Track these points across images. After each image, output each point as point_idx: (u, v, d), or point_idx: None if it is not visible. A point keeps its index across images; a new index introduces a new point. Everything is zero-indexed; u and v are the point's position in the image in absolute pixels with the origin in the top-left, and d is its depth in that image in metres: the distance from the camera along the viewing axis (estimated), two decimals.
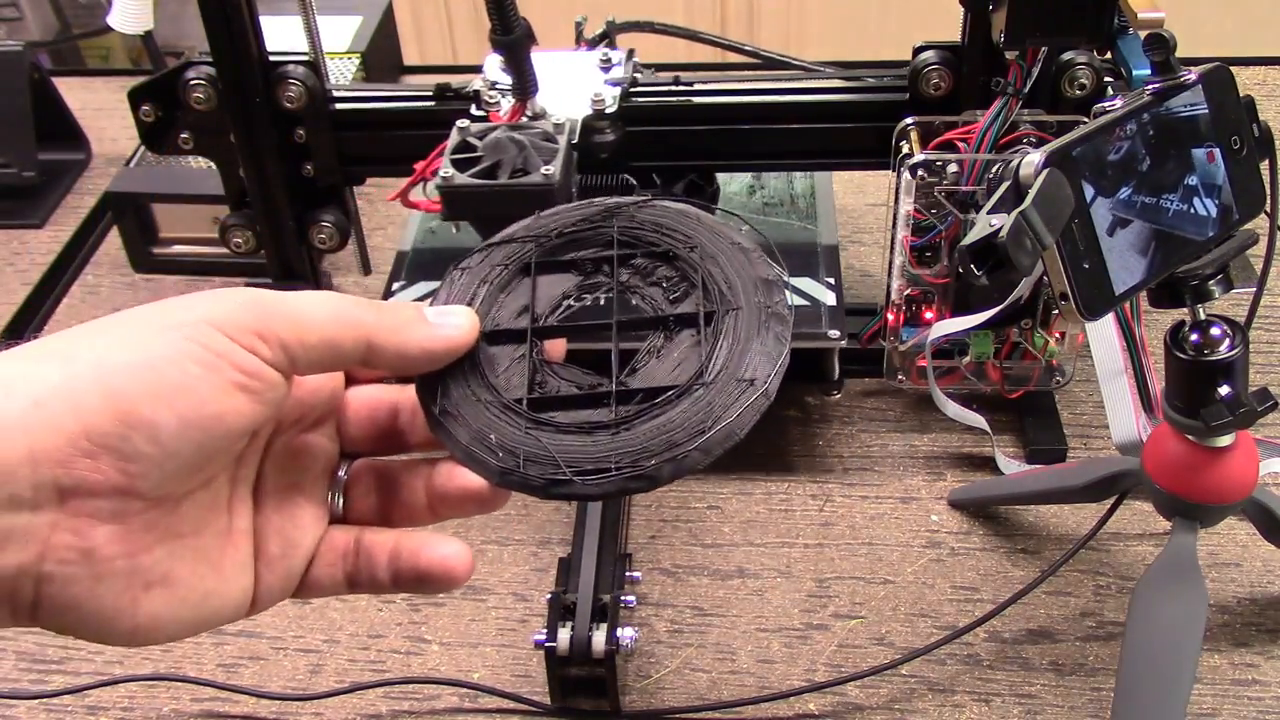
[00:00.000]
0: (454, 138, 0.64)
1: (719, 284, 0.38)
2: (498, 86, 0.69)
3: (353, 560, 0.38)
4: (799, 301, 0.72)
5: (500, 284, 0.40)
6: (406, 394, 0.39)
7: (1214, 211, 0.51)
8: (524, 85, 0.67)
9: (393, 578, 0.38)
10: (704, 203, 0.43)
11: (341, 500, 0.39)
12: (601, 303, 0.40)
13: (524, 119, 0.67)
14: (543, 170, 0.61)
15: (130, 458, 0.31)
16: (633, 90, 0.73)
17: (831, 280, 0.74)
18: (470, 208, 0.63)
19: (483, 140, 0.63)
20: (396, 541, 0.38)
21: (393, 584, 0.38)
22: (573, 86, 0.71)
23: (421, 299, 0.75)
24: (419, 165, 0.67)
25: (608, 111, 0.70)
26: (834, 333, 0.71)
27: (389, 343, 0.36)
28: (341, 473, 0.39)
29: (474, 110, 0.70)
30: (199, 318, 0.33)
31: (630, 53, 0.76)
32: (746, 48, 0.86)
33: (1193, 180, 0.50)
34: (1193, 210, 0.50)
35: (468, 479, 0.37)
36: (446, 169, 0.62)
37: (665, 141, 0.74)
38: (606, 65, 0.73)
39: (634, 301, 0.40)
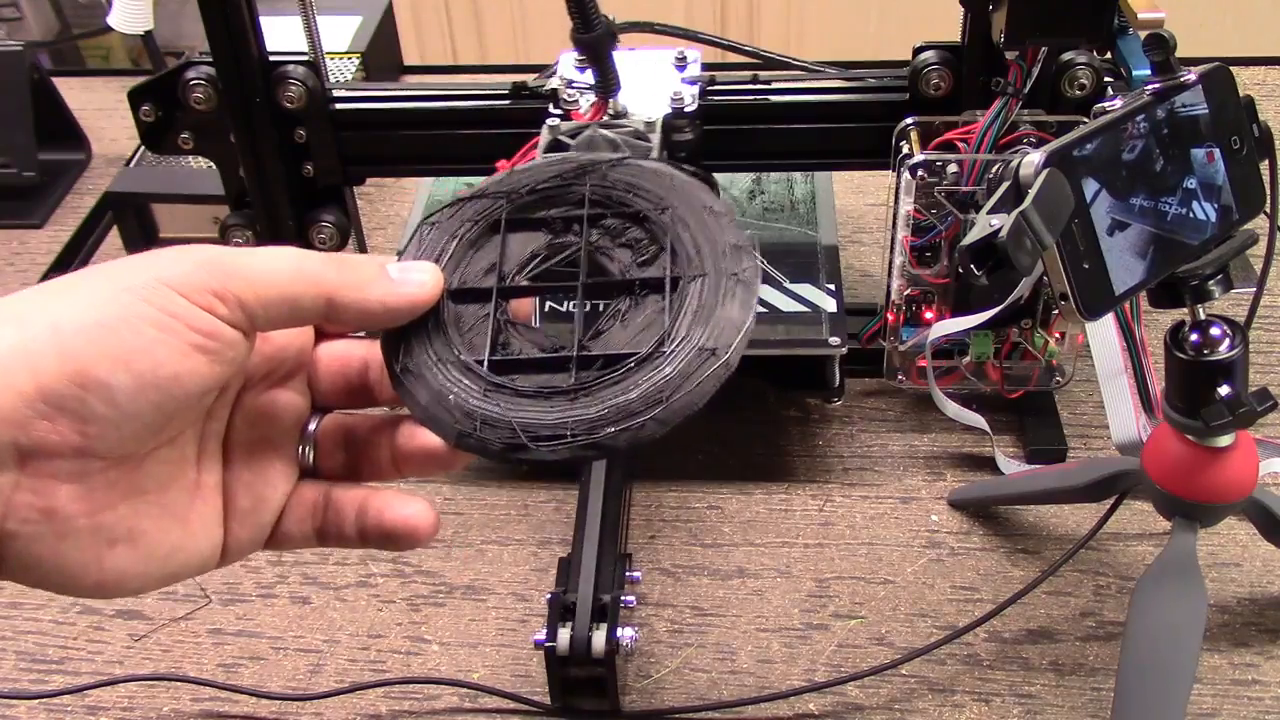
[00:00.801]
0: (545, 136, 0.63)
1: (687, 248, 0.38)
2: (575, 85, 0.69)
3: (321, 515, 0.39)
4: (799, 308, 0.72)
5: (469, 240, 0.40)
6: (377, 350, 0.39)
7: (1213, 215, 0.51)
8: (607, 83, 0.66)
9: (359, 533, 0.38)
10: (678, 164, 0.43)
11: (312, 454, 0.39)
12: (571, 263, 0.39)
13: (605, 118, 0.66)
14: None
15: (87, 419, 0.31)
16: (710, 89, 0.72)
17: (832, 286, 0.74)
18: None
19: (575, 139, 0.62)
20: (364, 499, 0.38)
21: (359, 539, 0.38)
22: (649, 85, 0.70)
23: None
24: (501, 164, 0.66)
25: (687, 110, 0.69)
26: (835, 340, 0.70)
27: (350, 299, 0.36)
28: (311, 427, 0.40)
29: (552, 109, 0.70)
30: (154, 278, 0.33)
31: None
32: (746, 47, 0.85)
33: (1191, 183, 0.50)
34: (1191, 215, 0.50)
35: (428, 439, 0.37)
36: None
37: (743, 140, 0.73)
38: (682, 64, 0.72)
39: (603, 262, 0.39)
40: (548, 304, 0.40)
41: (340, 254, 0.37)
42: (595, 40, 0.64)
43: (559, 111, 0.69)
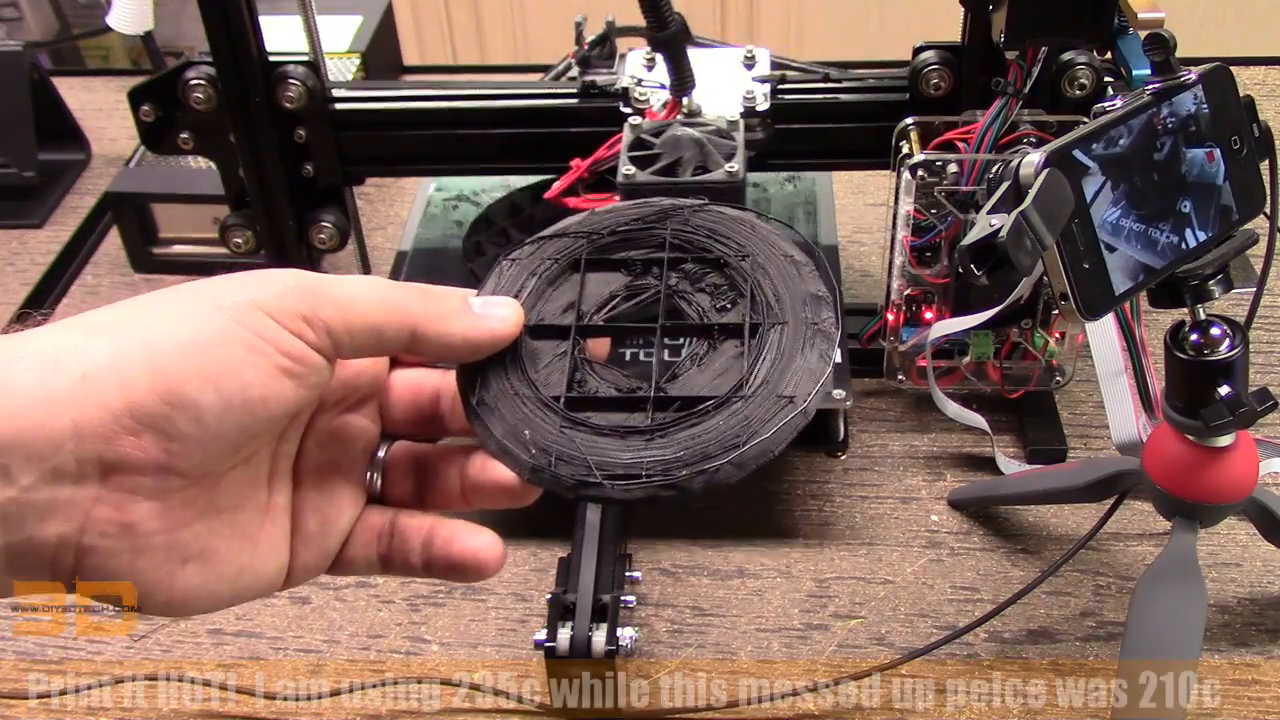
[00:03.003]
0: (627, 135, 0.63)
1: (767, 296, 0.38)
2: (644, 83, 0.69)
3: (387, 542, 0.39)
4: None
5: (549, 278, 0.40)
6: (449, 380, 0.39)
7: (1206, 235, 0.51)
8: (683, 81, 0.66)
9: (425, 563, 0.38)
10: (760, 211, 0.43)
11: (380, 480, 0.40)
12: (649, 305, 0.39)
13: (679, 117, 0.66)
14: (726, 167, 0.59)
15: (173, 436, 0.31)
16: (781, 88, 0.72)
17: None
18: None
19: (659, 138, 0.62)
20: (430, 528, 0.38)
21: (424, 568, 0.38)
22: (720, 83, 0.70)
23: None
24: (578, 162, 0.66)
25: (759, 109, 0.69)
26: (839, 393, 0.66)
27: (433, 331, 0.36)
28: (381, 453, 0.40)
29: (622, 108, 0.69)
30: (249, 299, 0.33)
31: (629, 52, 0.76)
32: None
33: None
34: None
35: (500, 472, 0.38)
36: (627, 166, 0.60)
37: (806, 139, 0.73)
38: (750, 62, 0.72)
39: (681, 306, 0.39)
40: (626, 352, 0.40)
41: (425, 285, 0.37)
42: (671, 38, 0.64)
43: (630, 110, 0.69)
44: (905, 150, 0.67)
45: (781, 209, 0.80)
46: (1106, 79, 0.68)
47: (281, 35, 0.74)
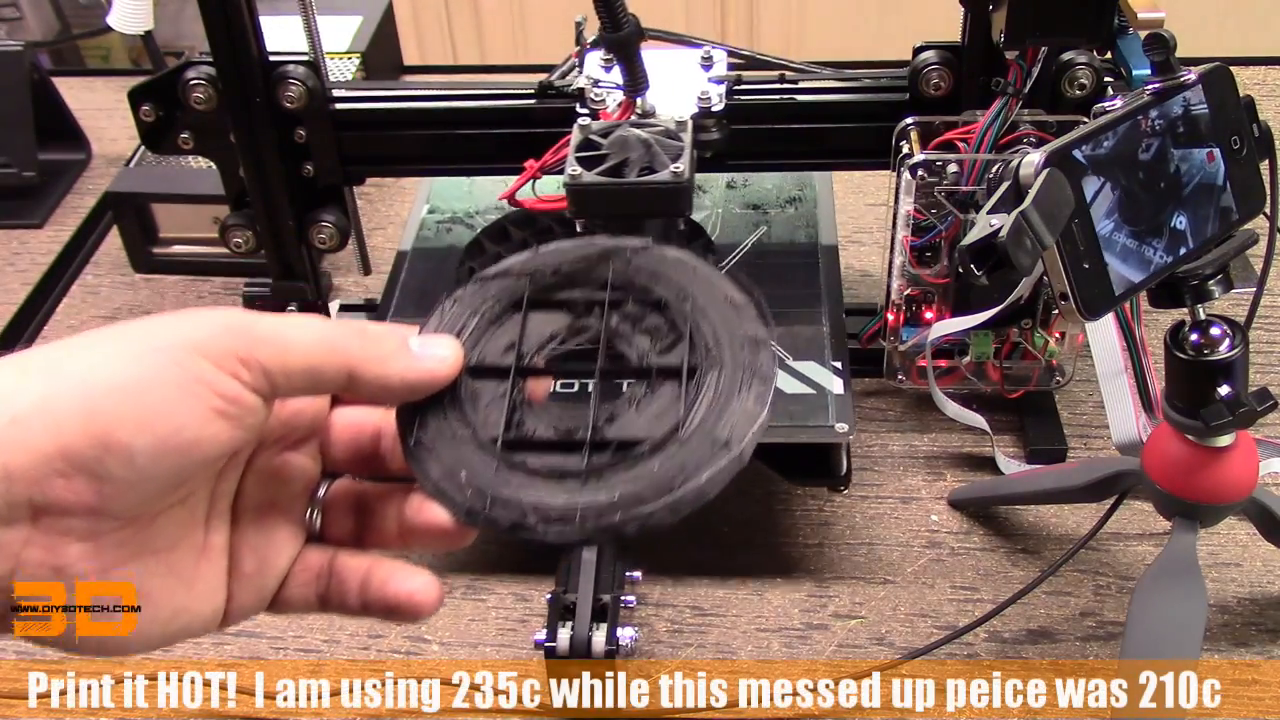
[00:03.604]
0: (576, 135, 0.63)
1: (706, 338, 0.38)
2: (601, 84, 0.69)
3: (325, 582, 0.38)
4: (803, 390, 0.67)
5: (491, 317, 0.40)
6: (391, 418, 0.39)
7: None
8: (636, 82, 0.66)
9: (362, 604, 0.38)
10: (701, 251, 0.43)
11: (320, 519, 0.39)
12: (590, 346, 0.39)
13: (633, 117, 0.66)
14: (671, 168, 0.59)
15: (105, 479, 0.31)
16: (738, 88, 0.72)
17: (839, 364, 0.67)
18: (599, 206, 0.61)
19: (607, 138, 0.62)
20: (368, 569, 0.38)
21: (361, 609, 0.38)
22: (676, 84, 0.70)
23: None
24: (531, 163, 0.66)
25: (714, 110, 0.69)
26: (841, 426, 0.64)
27: (371, 372, 0.35)
28: (321, 492, 0.39)
29: (578, 109, 0.69)
30: (184, 340, 0.32)
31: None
32: (743, 51, 0.86)
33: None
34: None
35: (436, 513, 0.37)
36: (574, 167, 0.61)
37: (770, 140, 0.73)
38: (708, 63, 0.72)
39: (622, 348, 0.39)
40: (567, 393, 0.40)
41: (364, 324, 0.37)
42: (625, 39, 0.64)
43: (586, 111, 0.69)
44: (905, 150, 0.67)
45: (783, 231, 0.79)
46: (1106, 79, 0.68)
47: (281, 35, 0.74)
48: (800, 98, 0.73)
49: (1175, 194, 0.50)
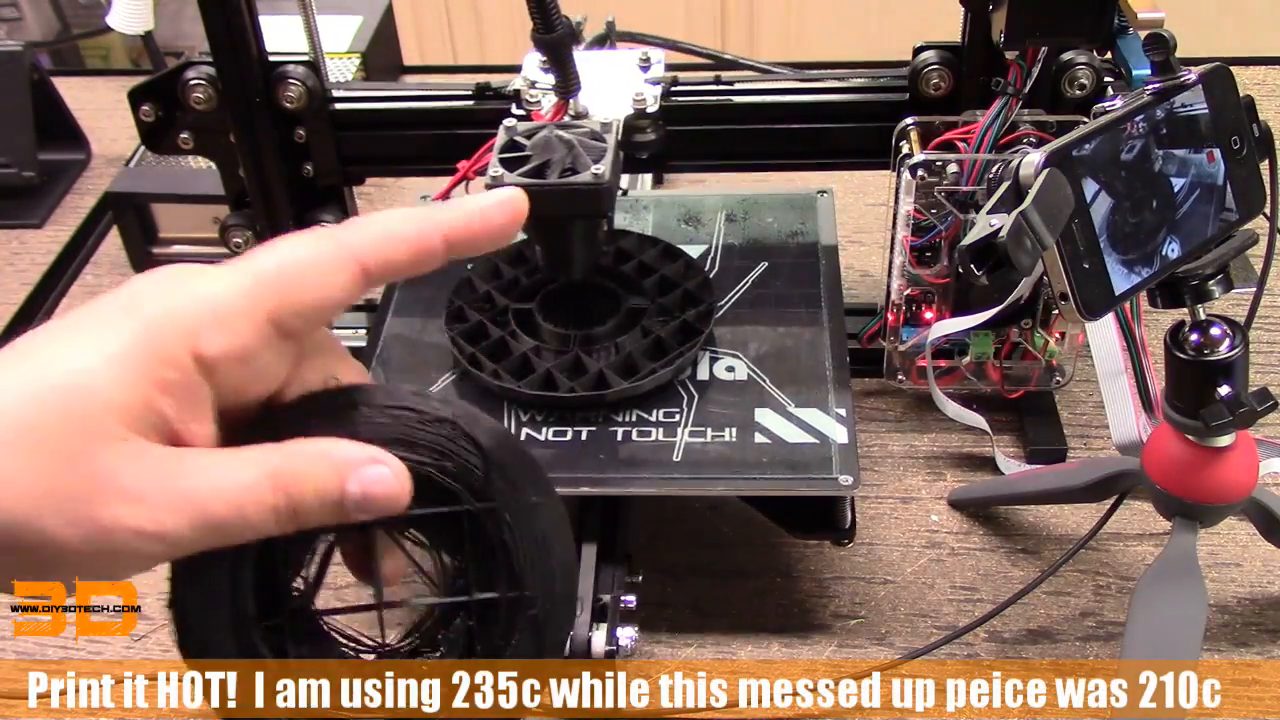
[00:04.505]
0: (501, 136, 0.63)
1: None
2: (538, 86, 0.69)
3: None
4: (806, 438, 0.62)
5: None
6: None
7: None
8: (567, 84, 0.66)
9: None
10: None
11: None
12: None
13: (566, 118, 0.67)
14: (593, 169, 0.60)
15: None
16: (674, 90, 0.72)
17: (843, 411, 0.63)
18: None
19: (531, 139, 0.62)
20: None
21: None
22: (613, 86, 0.70)
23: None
24: (462, 164, 0.66)
25: (649, 111, 0.69)
26: (846, 479, 0.60)
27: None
28: None
29: (514, 109, 0.69)
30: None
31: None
32: (725, 56, 0.86)
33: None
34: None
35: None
36: (495, 168, 0.61)
37: (707, 141, 0.73)
38: (646, 65, 0.72)
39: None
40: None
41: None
42: (556, 41, 0.64)
43: (521, 112, 0.69)
44: (905, 150, 0.68)
45: (785, 271, 0.75)
46: (1106, 79, 0.68)
47: (281, 35, 0.74)
48: (788, 98, 0.73)
49: (1175, 194, 0.50)
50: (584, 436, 0.64)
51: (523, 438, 0.63)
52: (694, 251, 0.75)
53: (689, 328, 0.67)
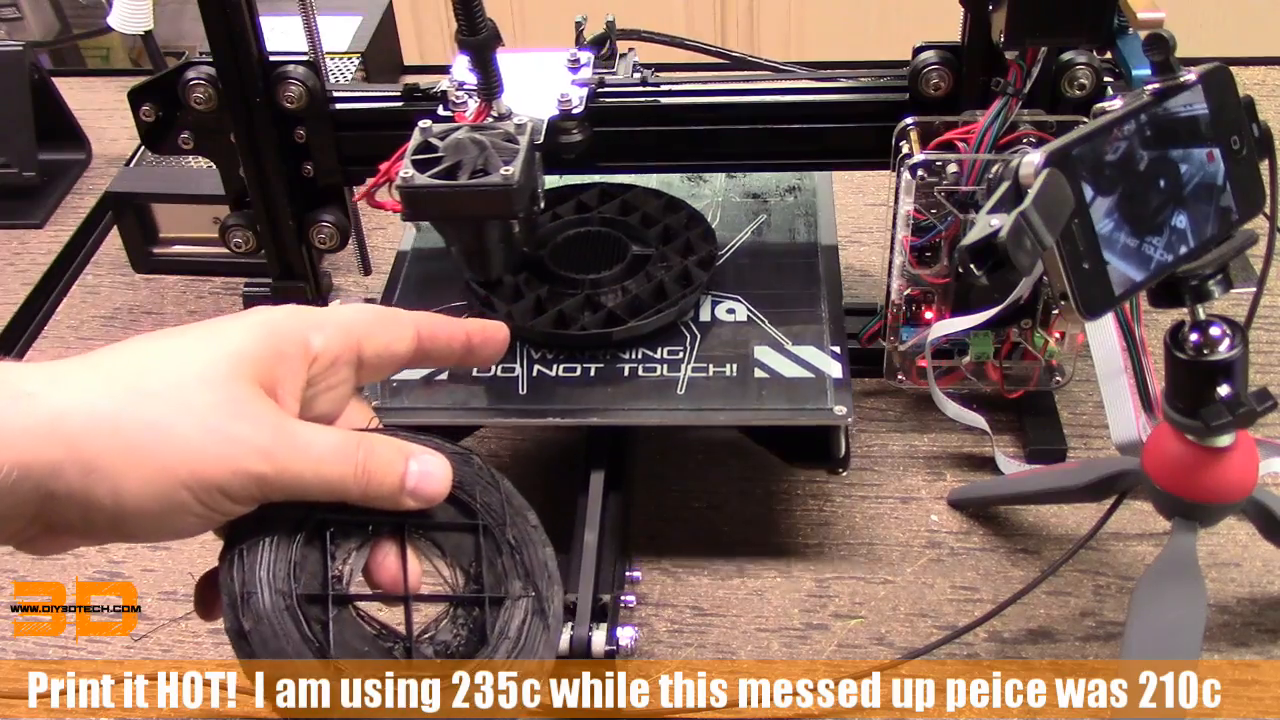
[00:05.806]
0: (415, 138, 0.64)
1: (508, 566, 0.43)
2: (465, 87, 0.69)
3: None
4: (802, 373, 0.66)
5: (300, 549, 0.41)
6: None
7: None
8: (490, 86, 0.66)
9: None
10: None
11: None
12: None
13: (489, 120, 0.67)
14: (502, 171, 0.61)
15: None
16: (600, 91, 0.72)
17: (837, 349, 0.68)
18: (431, 208, 0.63)
19: (444, 141, 0.63)
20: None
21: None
22: (542, 87, 0.70)
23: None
24: (383, 165, 0.67)
25: (574, 112, 0.69)
26: (840, 409, 0.64)
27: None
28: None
29: (440, 110, 0.70)
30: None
31: (628, 51, 0.76)
32: (734, 54, 0.86)
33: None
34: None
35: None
36: (407, 169, 0.62)
37: (635, 143, 0.73)
38: (575, 66, 0.72)
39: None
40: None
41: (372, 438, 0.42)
42: (480, 43, 0.64)
43: (447, 113, 0.69)
44: (905, 150, 0.67)
45: (781, 220, 0.79)
46: (1106, 79, 0.68)
47: (281, 35, 0.74)
48: (789, 98, 0.73)
49: (1175, 194, 0.50)
50: (593, 373, 0.67)
51: (535, 374, 0.67)
52: (697, 205, 0.78)
53: (691, 273, 0.71)
